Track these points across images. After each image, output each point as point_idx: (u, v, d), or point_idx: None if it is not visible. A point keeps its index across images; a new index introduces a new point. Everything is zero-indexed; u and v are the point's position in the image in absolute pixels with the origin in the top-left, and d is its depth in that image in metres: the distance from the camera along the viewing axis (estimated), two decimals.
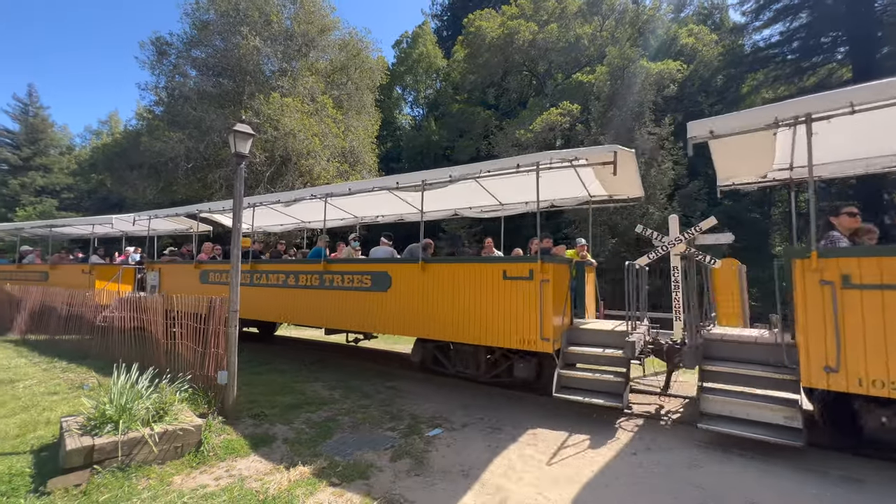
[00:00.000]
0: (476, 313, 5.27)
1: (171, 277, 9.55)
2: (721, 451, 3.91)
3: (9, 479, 3.12)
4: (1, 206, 35.95)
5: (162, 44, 19.87)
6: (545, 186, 5.82)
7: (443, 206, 8.26)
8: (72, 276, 10.89)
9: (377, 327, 6.33)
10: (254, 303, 7.80)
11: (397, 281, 6.06)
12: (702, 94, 22.87)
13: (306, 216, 9.97)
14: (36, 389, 5.33)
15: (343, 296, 6.66)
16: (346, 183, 6.36)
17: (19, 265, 12.73)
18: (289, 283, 7.45)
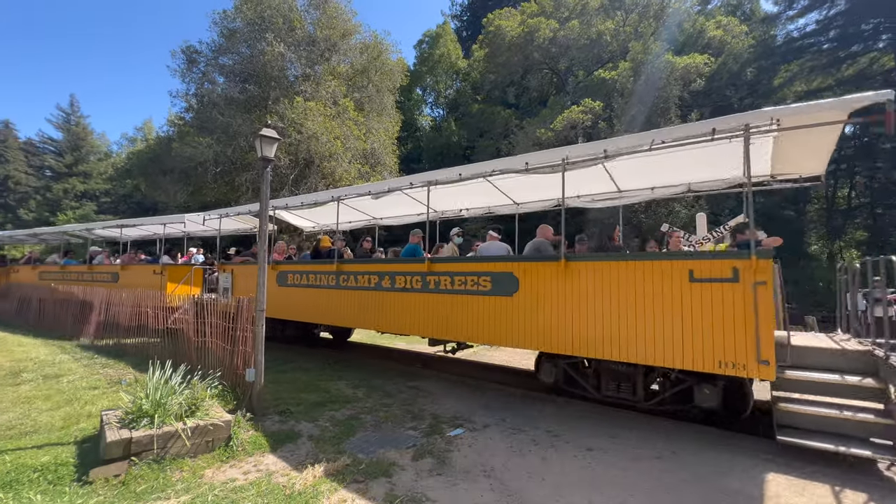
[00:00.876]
0: (643, 324, 4.22)
1: (244, 279, 8.94)
2: None
3: (55, 468, 3.31)
4: (45, 211, 38.09)
5: (191, 52, 20.63)
6: (678, 166, 5.18)
7: (544, 195, 7.22)
8: (143, 276, 10.64)
9: (499, 338, 5.29)
10: (338, 307, 7.19)
11: (528, 283, 5.04)
12: (730, 87, 22.10)
13: (380, 212, 9.19)
14: (78, 384, 5.62)
15: (453, 301, 5.69)
16: (454, 168, 5.80)
17: (90, 266, 12.56)
18: (382, 286, 6.56)
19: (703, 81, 20.77)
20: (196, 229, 11.99)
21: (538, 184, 6.07)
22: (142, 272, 10.92)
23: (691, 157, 4.83)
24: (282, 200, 8.62)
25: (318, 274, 7.65)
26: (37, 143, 53.36)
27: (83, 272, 12.52)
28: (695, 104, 20.72)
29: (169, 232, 12.58)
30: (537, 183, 5.98)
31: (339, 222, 10.65)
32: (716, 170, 5.48)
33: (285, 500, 3.00)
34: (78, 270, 12.81)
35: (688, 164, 5.23)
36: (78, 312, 9.59)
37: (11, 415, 4.48)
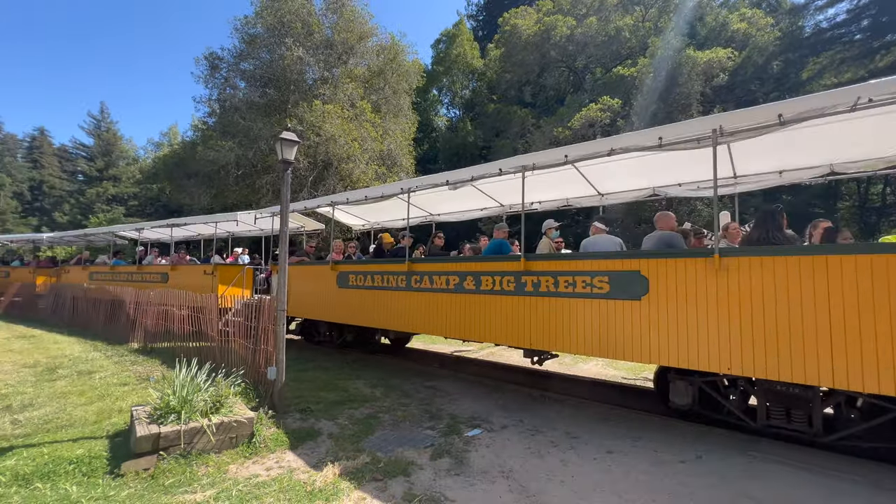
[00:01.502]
0: (839, 336, 3.31)
1: (300, 280, 8.44)
2: None
3: (89, 461, 3.45)
4: (78, 214, 39.70)
5: (214, 58, 21.20)
6: (814, 144, 4.53)
7: (637, 182, 6.35)
8: (193, 277, 10.43)
9: (618, 350, 4.41)
10: (408, 311, 6.50)
11: (662, 284, 4.14)
12: (756, 81, 21.43)
13: (437, 207, 8.50)
14: (109, 380, 5.85)
15: (555, 306, 4.86)
16: (559, 149, 5.03)
17: (139, 266, 12.41)
18: (465, 288, 5.76)
19: (726, 76, 20.20)
20: (243, 229, 11.84)
21: (637, 169, 5.40)
22: (192, 272, 10.71)
23: (832, 132, 4.20)
24: (342, 195, 7.87)
25: (385, 275, 6.87)
26: (70, 149, 55.72)
27: (132, 272, 12.48)
28: (717, 100, 20.17)
29: (210, 232, 12.47)
30: (636, 168, 5.30)
31: (390, 219, 9.82)
32: (862, 148, 4.62)
33: (306, 496, 3.05)
34: (127, 271, 12.81)
35: (829, 140, 4.43)
36: (109, 311, 9.78)
37: (48, 409, 4.69)
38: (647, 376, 6.84)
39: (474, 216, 8.71)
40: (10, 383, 5.66)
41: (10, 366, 6.58)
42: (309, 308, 8.47)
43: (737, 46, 21.48)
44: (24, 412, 4.59)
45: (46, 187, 54.40)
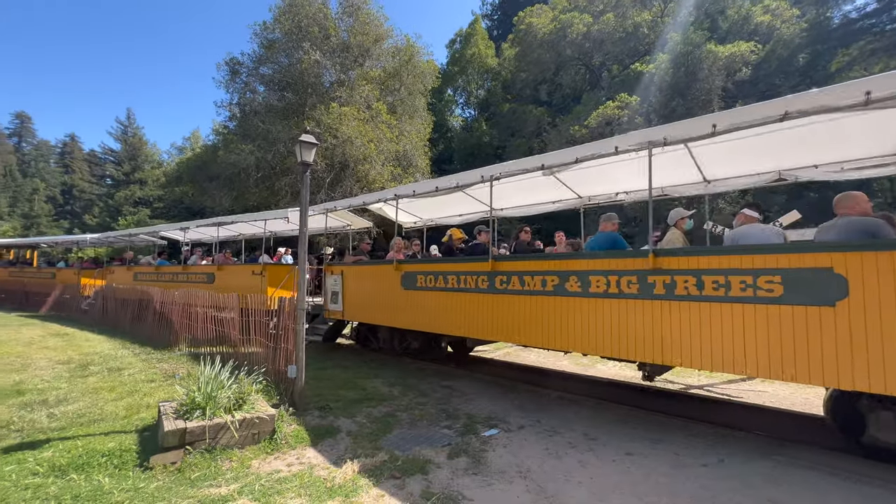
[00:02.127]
0: None
1: (357, 282, 7.84)
2: None
3: (119, 454, 3.59)
4: (107, 216, 41.16)
5: (234, 63, 21.71)
6: None
7: (756, 166, 5.54)
8: (241, 277, 10.01)
9: (808, 372, 3.42)
10: (492, 317, 5.61)
11: (866, 284, 3.22)
12: (780, 75, 20.77)
13: (506, 199, 7.67)
14: (137, 377, 6.06)
15: (702, 311, 3.92)
16: (702, 118, 4.16)
17: (184, 266, 12.17)
18: (568, 290, 4.85)
19: (749, 70, 19.66)
20: (279, 228, 11.53)
21: (759, 149, 4.77)
22: (239, 273, 10.30)
23: None
24: (407, 188, 7.02)
25: (462, 275, 5.99)
26: (99, 154, 57.95)
27: (177, 273, 12.24)
28: (740, 94, 19.64)
29: (253, 231, 12.24)
30: (757, 148, 4.66)
31: (445, 216, 8.99)
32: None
33: (326, 492, 3.11)
34: (172, 271, 12.57)
35: None
36: (137, 310, 9.84)
37: (82, 403, 4.90)
38: (667, 378, 6.72)
39: (546, 210, 7.71)
40: (46, 379, 5.92)
41: (46, 362, 6.89)
42: (367, 312, 7.77)
43: (760, 39, 20.87)
44: (59, 406, 4.80)
45: (77, 191, 56.71)
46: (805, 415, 5.07)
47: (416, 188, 6.77)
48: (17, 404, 4.86)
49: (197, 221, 12.59)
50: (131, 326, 10.03)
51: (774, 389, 5.99)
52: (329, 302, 8.38)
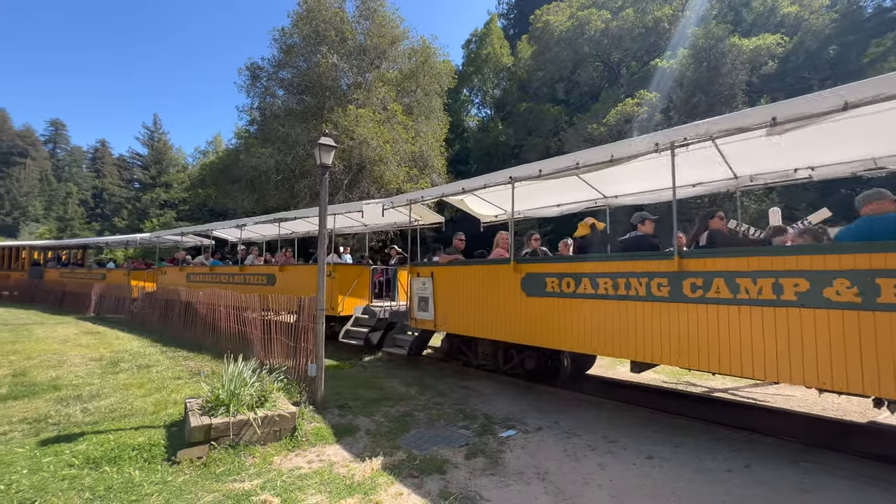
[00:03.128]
0: None
1: (455, 285, 6.50)
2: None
3: (149, 448, 3.73)
4: (135, 219, 42.64)
5: (255, 68, 22.21)
6: None
7: None
8: (306, 278, 9.02)
9: None
10: (678, 335, 4.14)
11: None
12: (809, 68, 20.02)
13: (617, 186, 6.61)
14: (165, 374, 6.27)
15: None
16: None
17: (241, 267, 11.34)
18: (742, 298, 3.73)
19: (775, 64, 19.02)
20: (349, 224, 10.75)
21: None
22: (304, 274, 9.38)
23: None
24: (532, 166, 5.67)
25: (623, 277, 4.56)
26: (127, 159, 60.19)
27: (234, 273, 11.48)
28: (766, 89, 19.02)
29: (306, 229, 11.50)
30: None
31: (535, 207, 7.83)
32: None
33: (346, 489, 3.16)
34: (228, 272, 11.76)
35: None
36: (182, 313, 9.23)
37: (113, 399, 5.10)
38: (689, 380, 6.57)
39: (657, 199, 6.54)
40: (80, 375, 6.19)
41: (80, 359, 7.19)
42: (468, 321, 6.33)
43: (787, 32, 20.17)
44: (92, 401, 5.01)
45: (107, 195, 59.01)
46: (838, 420, 4.88)
47: (543, 167, 5.47)
48: (53, 399, 5.10)
49: (255, 218, 11.57)
50: (184, 331, 9.20)
51: (803, 394, 5.79)
52: (416, 309, 7.13)
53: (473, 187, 6.51)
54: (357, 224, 10.78)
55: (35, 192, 60.03)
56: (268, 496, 3.01)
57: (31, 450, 3.68)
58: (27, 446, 3.75)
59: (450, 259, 7.03)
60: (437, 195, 7.29)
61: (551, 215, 8.23)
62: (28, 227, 51.00)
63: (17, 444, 3.82)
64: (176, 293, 9.84)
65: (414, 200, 7.53)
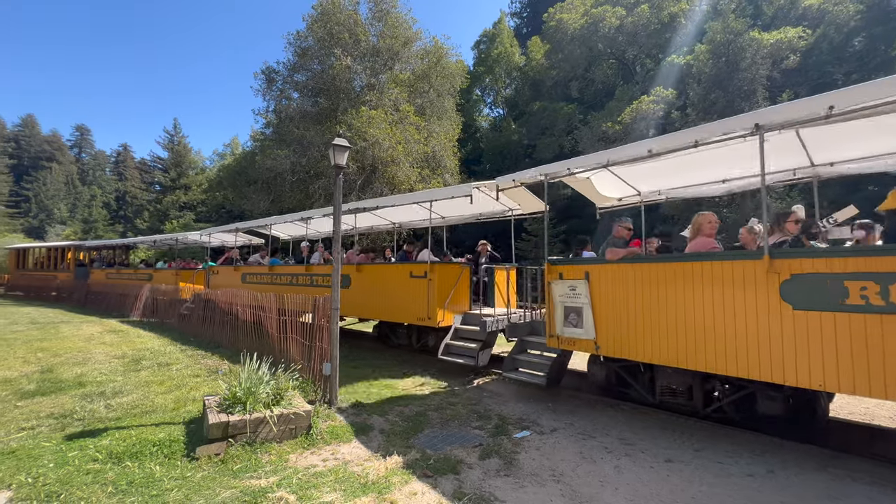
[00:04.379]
0: None
1: (628, 291, 4.70)
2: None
3: (169, 444, 3.81)
4: (156, 220, 43.72)
5: (270, 72, 22.57)
6: None
7: None
8: (390, 281, 7.92)
9: None
10: None
11: None
12: (833, 61, 19.39)
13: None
14: (184, 372, 6.41)
15: None
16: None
17: (307, 266, 10.01)
18: None
19: (797, 58, 18.48)
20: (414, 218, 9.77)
21: None
22: (389, 275, 8.04)
23: None
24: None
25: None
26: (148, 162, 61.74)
27: (298, 274, 10.15)
28: (787, 83, 18.49)
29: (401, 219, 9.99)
30: None
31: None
32: None
33: (360, 488, 3.18)
34: (291, 272, 10.42)
35: None
36: None
37: (135, 396, 5.23)
38: None
39: None
40: (104, 372, 6.37)
41: (104, 357, 7.40)
42: (654, 343, 4.46)
43: (809, 24, 19.58)
44: (115, 398, 5.14)
45: (129, 197, 60.66)
46: (868, 425, 4.70)
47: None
48: (78, 395, 5.25)
49: (323, 210, 9.86)
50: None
51: None
52: (559, 323, 5.25)
53: (667, 148, 4.54)
54: (426, 218, 8.97)
55: (61, 196, 62.09)
56: (284, 493, 3.04)
57: (58, 444, 3.80)
58: (54, 441, 3.88)
59: (623, 254, 4.91)
60: (585, 165, 5.30)
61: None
62: (54, 229, 52.76)
63: (44, 438, 3.95)
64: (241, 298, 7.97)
65: (556, 174, 5.53)
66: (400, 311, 7.82)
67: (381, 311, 8.37)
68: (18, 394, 5.28)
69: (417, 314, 7.36)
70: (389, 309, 8.08)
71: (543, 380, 5.45)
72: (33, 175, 61.70)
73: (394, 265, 8.26)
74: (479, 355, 6.53)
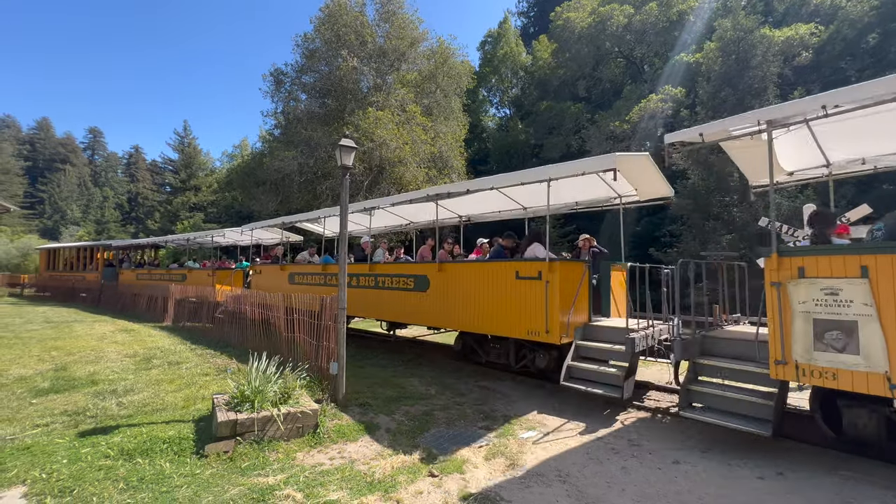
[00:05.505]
0: None
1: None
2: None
3: (178, 441, 3.86)
4: (167, 221, 44.31)
5: (278, 74, 22.77)
6: None
7: None
8: (493, 281, 6.17)
9: None
10: None
11: None
12: (847, 58, 19.05)
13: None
14: (194, 371, 6.49)
15: None
16: None
17: (371, 265, 8.51)
18: None
19: (809, 54, 18.19)
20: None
21: None
22: (489, 274, 6.25)
23: None
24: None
25: None
26: (159, 163, 62.72)
27: (361, 274, 8.61)
28: (799, 81, 18.21)
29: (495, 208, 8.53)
30: None
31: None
32: None
33: (367, 486, 3.20)
34: (356, 271, 8.67)
35: None
36: None
37: (146, 394, 5.31)
38: None
39: None
40: (116, 370, 6.47)
41: (116, 355, 7.52)
42: None
43: (822, 21, 19.26)
44: (126, 396, 5.23)
45: (141, 198, 61.61)
46: None
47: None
48: (91, 393, 5.34)
49: (393, 198, 8.41)
50: None
51: None
52: (806, 345, 3.61)
53: None
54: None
55: (74, 197, 63.20)
56: (291, 491, 3.07)
57: (71, 441, 3.87)
58: (67, 437, 3.95)
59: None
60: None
61: None
62: (68, 229, 53.72)
63: (58, 435, 4.02)
64: None
65: (787, 119, 3.84)
66: (500, 321, 6.02)
67: (470, 321, 6.54)
68: (33, 391, 5.39)
69: (529, 326, 5.63)
70: (483, 318, 6.29)
71: (768, 428, 3.73)
72: (48, 177, 62.90)
73: (493, 263, 6.40)
74: (625, 384, 4.90)
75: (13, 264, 34.77)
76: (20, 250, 36.48)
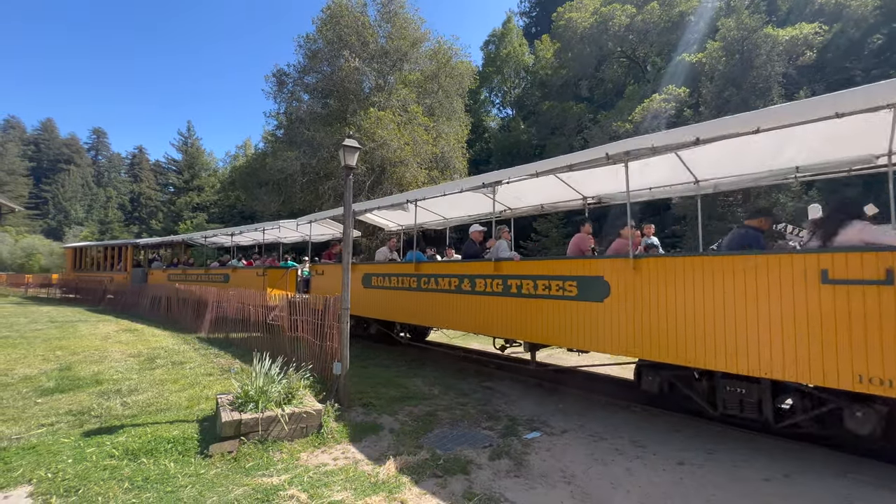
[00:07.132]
0: None
1: None
2: None
3: (183, 441, 3.86)
4: (170, 221, 44.49)
5: (281, 74, 22.82)
6: None
7: None
8: (749, 285, 3.67)
9: None
10: None
11: None
12: (852, 57, 18.96)
13: None
14: (197, 371, 6.50)
15: None
16: None
17: (497, 263, 6.03)
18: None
19: (814, 54, 18.10)
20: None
21: None
22: (735, 274, 3.75)
23: None
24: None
25: None
26: (163, 164, 62.98)
27: (478, 275, 6.28)
28: (803, 80, 18.13)
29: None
30: None
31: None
32: None
33: (371, 487, 3.19)
34: (465, 271, 6.58)
35: None
36: None
37: (150, 394, 5.32)
38: None
39: None
40: (120, 370, 6.49)
41: (120, 355, 7.55)
42: None
43: (826, 20, 19.17)
44: (131, 395, 5.24)
45: (144, 199, 61.86)
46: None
47: None
48: (96, 392, 5.36)
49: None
50: None
51: None
52: None
53: None
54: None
55: (77, 197, 63.52)
56: (295, 491, 3.07)
57: (76, 440, 3.88)
58: (72, 437, 3.96)
59: None
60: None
61: None
62: (72, 230, 53.99)
63: (63, 434, 4.03)
64: None
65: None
66: (781, 354, 3.47)
67: (703, 350, 3.93)
68: (38, 391, 5.41)
69: (862, 368, 3.13)
70: (731, 347, 3.74)
71: None
72: (52, 177, 63.26)
73: (764, 255, 3.65)
74: None
75: (17, 264, 34.98)
76: (24, 250, 36.69)
